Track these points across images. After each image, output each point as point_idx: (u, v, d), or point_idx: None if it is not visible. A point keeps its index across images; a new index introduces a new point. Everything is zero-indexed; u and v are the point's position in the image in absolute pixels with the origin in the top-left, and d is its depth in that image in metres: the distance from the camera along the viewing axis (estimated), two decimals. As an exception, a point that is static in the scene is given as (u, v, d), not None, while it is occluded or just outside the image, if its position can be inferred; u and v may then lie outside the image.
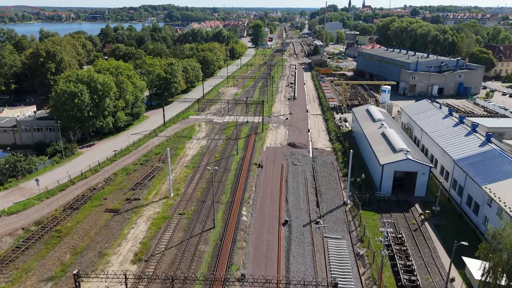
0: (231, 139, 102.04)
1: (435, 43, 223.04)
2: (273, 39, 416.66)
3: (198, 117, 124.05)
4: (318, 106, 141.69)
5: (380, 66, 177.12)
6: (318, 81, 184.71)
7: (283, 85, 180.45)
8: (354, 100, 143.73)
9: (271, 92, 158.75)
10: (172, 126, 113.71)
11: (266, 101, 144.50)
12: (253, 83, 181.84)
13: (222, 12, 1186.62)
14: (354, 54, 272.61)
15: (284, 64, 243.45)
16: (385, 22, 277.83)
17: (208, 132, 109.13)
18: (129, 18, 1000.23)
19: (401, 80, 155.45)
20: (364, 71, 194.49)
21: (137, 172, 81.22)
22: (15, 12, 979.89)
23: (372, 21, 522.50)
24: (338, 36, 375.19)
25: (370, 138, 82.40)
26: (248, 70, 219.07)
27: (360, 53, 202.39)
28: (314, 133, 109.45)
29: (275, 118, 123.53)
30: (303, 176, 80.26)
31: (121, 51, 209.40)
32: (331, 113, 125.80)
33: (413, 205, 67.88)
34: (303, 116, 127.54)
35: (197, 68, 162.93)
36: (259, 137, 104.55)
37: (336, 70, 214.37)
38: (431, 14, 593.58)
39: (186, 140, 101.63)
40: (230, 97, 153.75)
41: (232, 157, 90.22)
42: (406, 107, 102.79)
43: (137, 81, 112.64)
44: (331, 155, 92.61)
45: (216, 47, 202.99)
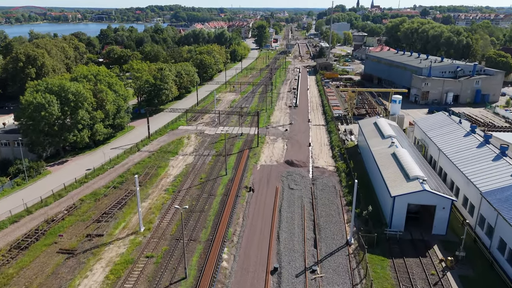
0: (221, 155, 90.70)
1: (448, 45, 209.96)
2: (278, 40, 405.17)
3: (188, 127, 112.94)
4: (321, 115, 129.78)
5: (390, 70, 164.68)
6: (323, 86, 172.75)
7: (285, 90, 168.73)
8: (361, 109, 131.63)
9: (271, 99, 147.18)
10: (158, 138, 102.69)
11: (265, 109, 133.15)
12: (253, 88, 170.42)
13: (228, 12, 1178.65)
14: (362, 57, 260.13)
15: (287, 67, 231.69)
16: (394, 23, 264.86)
17: (197, 146, 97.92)
18: (135, 18, 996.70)
19: (412, 86, 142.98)
20: (372, 75, 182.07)
21: (108, 198, 70.22)
22: (22, 13, 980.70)
23: (380, 21, 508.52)
24: (345, 37, 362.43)
25: (378, 160, 70.51)
26: (249, 74, 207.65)
27: (368, 56, 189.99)
28: (316, 148, 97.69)
29: (273, 130, 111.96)
30: (300, 204, 68.66)
31: (116, 53, 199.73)
32: (335, 124, 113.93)
33: (431, 246, 55.94)
34: (304, 127, 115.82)
35: (192, 72, 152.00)
36: (253, 152, 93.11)
37: (342, 74, 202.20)
38: (442, 14, 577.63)
39: (170, 156, 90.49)
40: (227, 104, 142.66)
41: (220, 178, 78.88)
42: (420, 121, 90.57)
43: (119, 89, 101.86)
44: (333, 176, 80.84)
45: (215, 50, 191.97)
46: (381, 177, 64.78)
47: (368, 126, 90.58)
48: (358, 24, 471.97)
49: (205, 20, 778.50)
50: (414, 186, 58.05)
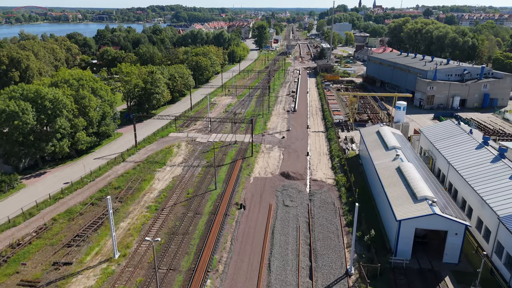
0: (212, 167, 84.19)
1: (453, 46, 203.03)
2: (279, 41, 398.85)
3: (179, 135, 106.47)
4: (321, 120, 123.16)
5: (393, 73, 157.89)
6: (323, 89, 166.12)
7: (284, 93, 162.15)
8: (363, 114, 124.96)
9: (269, 103, 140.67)
10: (145, 147, 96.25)
11: (262, 114, 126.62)
12: (250, 91, 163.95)
13: (230, 12, 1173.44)
14: (364, 58, 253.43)
15: (287, 69, 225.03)
16: (397, 23, 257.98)
17: (187, 155, 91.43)
18: (135, 18, 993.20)
19: (417, 90, 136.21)
20: (374, 78, 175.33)
21: (84, 217, 63.77)
22: (22, 13, 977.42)
23: (383, 21, 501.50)
24: (347, 37, 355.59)
25: (382, 175, 63.88)
26: (247, 76, 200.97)
27: (370, 57, 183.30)
28: (314, 158, 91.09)
29: (269, 137, 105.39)
30: (295, 225, 62.11)
31: (110, 55, 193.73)
32: (336, 131, 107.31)
33: (442, 278, 49.32)
34: (302, 134, 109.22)
35: (186, 75, 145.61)
36: (247, 163, 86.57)
37: (343, 76, 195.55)
38: (445, 14, 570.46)
39: (157, 167, 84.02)
40: (222, 109, 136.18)
41: (208, 193, 72.39)
42: (427, 130, 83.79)
43: (105, 94, 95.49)
44: (332, 190, 74.25)
45: (211, 51, 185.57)
46: (385, 196, 58.15)
47: (371, 135, 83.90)
48: (360, 25, 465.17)
49: (206, 20, 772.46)
50: (422, 208, 51.41)
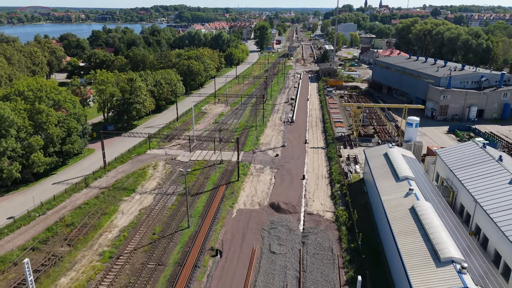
0: (189, 194, 71.33)
1: (466, 49, 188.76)
2: (282, 42, 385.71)
3: (158, 151, 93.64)
4: (321, 134, 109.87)
5: (401, 79, 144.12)
6: (325, 95, 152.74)
7: (282, 101, 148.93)
8: (368, 126, 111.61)
9: (264, 113, 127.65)
10: (117, 168, 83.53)
11: (255, 126, 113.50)
12: (246, 99, 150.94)
13: (234, 12, 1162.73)
14: (370, 61, 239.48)
15: (287, 73, 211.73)
16: (405, 24, 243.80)
17: (162, 179, 78.56)
18: (138, 19, 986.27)
19: (428, 99, 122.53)
20: (381, 83, 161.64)
21: (17, 269, 51.06)
22: (25, 13, 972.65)
23: (389, 22, 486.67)
24: (352, 38, 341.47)
25: (392, 218, 50.62)
26: (244, 81, 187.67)
27: (377, 61, 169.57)
28: (311, 183, 77.88)
29: (261, 155, 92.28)
30: (282, 282, 49.01)
31: (98, 58, 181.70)
32: (337, 148, 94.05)
33: None
34: (299, 150, 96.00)
35: (174, 81, 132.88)
36: (231, 189, 73.57)
37: (347, 81, 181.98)
38: (454, 14, 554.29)
39: (125, 195, 71.28)
40: (212, 119, 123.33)
41: (179, 233, 59.48)
42: (445, 153, 70.14)
43: (70, 107, 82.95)
44: (331, 229, 61.02)
45: (205, 54, 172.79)
46: (397, 250, 44.94)
47: (377, 158, 70.55)
48: (365, 25, 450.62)
49: (209, 20, 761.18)
50: (448, 277, 38.10)
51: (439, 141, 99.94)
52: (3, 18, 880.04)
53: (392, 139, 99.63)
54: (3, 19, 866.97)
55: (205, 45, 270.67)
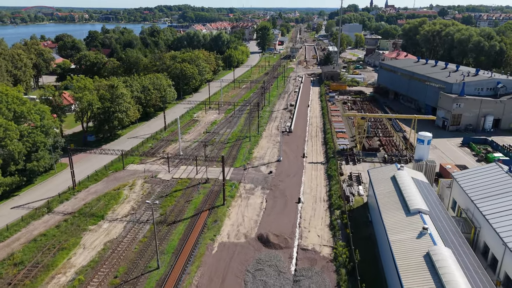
0: (165, 223, 61.82)
1: (477, 51, 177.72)
2: (284, 43, 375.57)
3: (139, 167, 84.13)
4: (321, 146, 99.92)
5: (409, 84, 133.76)
6: (327, 101, 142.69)
7: (280, 107, 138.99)
8: (373, 138, 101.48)
9: (260, 121, 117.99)
10: (88, 188, 74.13)
11: (249, 137, 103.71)
12: (241, 106, 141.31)
13: (238, 12, 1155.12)
14: (375, 63, 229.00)
15: (288, 76, 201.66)
16: (412, 24, 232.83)
17: (138, 202, 69.04)
18: (142, 19, 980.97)
19: (439, 107, 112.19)
20: (387, 88, 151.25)
21: None
22: (28, 13, 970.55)
23: (395, 22, 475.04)
24: (357, 39, 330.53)
25: (404, 271, 40.60)
26: (242, 85, 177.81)
27: (383, 65, 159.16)
28: (308, 208, 68.04)
29: (253, 172, 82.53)
30: None
31: (89, 60, 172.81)
32: (338, 163, 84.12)
33: None
34: (296, 166, 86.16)
35: (164, 86, 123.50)
36: (214, 217, 63.93)
37: (351, 85, 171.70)
38: (462, 14, 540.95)
39: (91, 223, 61.83)
40: (203, 128, 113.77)
41: (146, 275, 49.89)
42: (464, 177, 59.85)
43: (37, 118, 73.74)
44: (328, 271, 51.17)
45: (200, 57, 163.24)
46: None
47: (383, 182, 60.56)
48: (371, 25, 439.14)
49: (213, 20, 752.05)
50: None
51: (453, 155, 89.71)
52: (6, 18, 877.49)
53: (399, 154, 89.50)
54: (6, 19, 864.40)
55: (204, 46, 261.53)
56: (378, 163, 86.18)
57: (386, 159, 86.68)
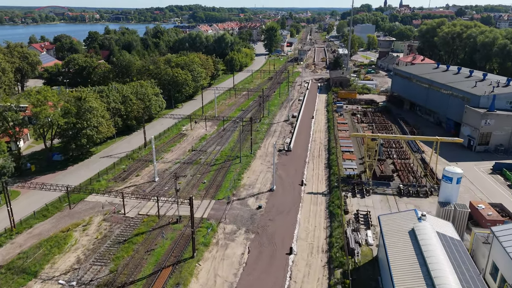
0: (113, 285, 47.63)
1: (504, 56, 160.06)
2: (293, 44, 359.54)
3: (101, 199, 70.15)
4: (324, 169, 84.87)
5: (428, 94, 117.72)
6: (334, 111, 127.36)
7: (281, 119, 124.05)
8: (386, 161, 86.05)
9: (256, 136, 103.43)
10: (33, 227, 60.25)
11: (240, 158, 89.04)
12: (240, 114, 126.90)
13: (249, 12, 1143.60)
14: (388, 67, 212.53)
15: (294, 81, 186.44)
16: (430, 25, 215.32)
17: (87, 250, 54.95)
18: (152, 19, 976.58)
19: (464, 123, 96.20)
20: (402, 97, 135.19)
21: None
22: (40, 13, 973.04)
23: (410, 22, 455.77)
24: (370, 41, 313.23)
25: None
26: (240, 93, 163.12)
27: (397, 71, 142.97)
28: (301, 263, 53.22)
29: (238, 207, 67.93)
30: None
31: (77, 63, 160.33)
32: (343, 197, 69.10)
33: None
34: (292, 199, 71.36)
35: (149, 95, 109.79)
36: (176, 278, 49.47)
37: (362, 92, 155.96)
38: (480, 14, 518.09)
39: (17, 285, 47.94)
40: (189, 145, 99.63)
41: None
42: (507, 233, 44.43)
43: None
44: None
45: (196, 61, 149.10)
46: None
47: (399, 238, 45.40)
48: (385, 26, 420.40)
49: (223, 20, 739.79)
50: None
51: (483, 186, 74.01)
52: (17, 18, 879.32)
53: (417, 183, 74.00)
54: (17, 19, 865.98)
55: (207, 48, 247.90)
56: (391, 195, 70.97)
57: (402, 191, 71.33)
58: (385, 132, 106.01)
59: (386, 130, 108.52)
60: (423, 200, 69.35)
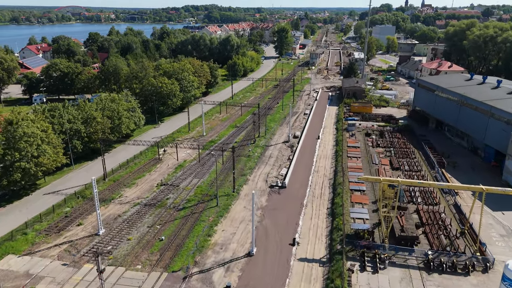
0: None
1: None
2: (307, 46, 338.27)
3: (18, 263, 51.85)
4: (325, 218, 64.75)
5: (460, 112, 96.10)
6: (344, 131, 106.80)
7: (281, 139, 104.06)
8: (408, 208, 65.30)
9: (248, 164, 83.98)
10: None
11: (219, 196, 69.54)
12: (231, 133, 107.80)
13: (265, 12, 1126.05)
14: (410, 73, 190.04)
15: (302, 90, 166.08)
16: (458, 27, 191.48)
17: None
18: (167, 19, 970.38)
19: (510, 155, 74.54)
20: (426, 114, 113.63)
21: None
22: (58, 13, 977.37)
23: (433, 23, 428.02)
24: (389, 43, 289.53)
25: None
26: (232, 108, 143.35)
27: (421, 82, 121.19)
28: None
29: (197, 286, 48.50)
30: None
31: (59, 69, 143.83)
32: (348, 268, 49.04)
33: None
34: (276, 271, 51.52)
35: (119, 112, 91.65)
36: None
37: (379, 105, 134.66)
38: (509, 15, 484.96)
39: None
40: (163, 174, 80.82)
41: None
42: None
43: None
44: None
45: (187, 68, 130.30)
46: None
47: None
48: (406, 27, 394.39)
49: (238, 20, 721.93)
50: None
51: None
52: (34, 18, 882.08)
53: (453, 250, 53.25)
54: (33, 19, 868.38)
55: (211, 51, 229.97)
56: (415, 269, 50.58)
57: (431, 262, 50.81)
58: (406, 160, 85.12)
59: (407, 157, 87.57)
60: (462, 279, 48.74)
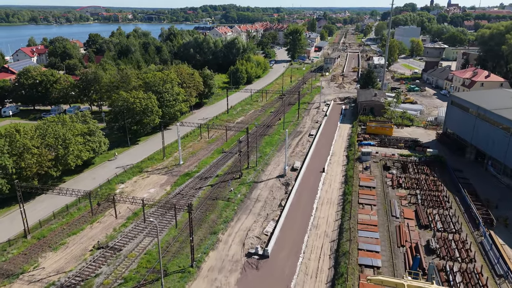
0: None
1: None
2: (323, 49, 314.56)
3: None
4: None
5: (510, 143, 72.78)
6: (356, 161, 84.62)
7: (276, 171, 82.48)
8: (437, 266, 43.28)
9: (225, 211, 63.12)
10: None
11: (179, 270, 48.90)
12: (214, 162, 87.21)
13: (284, 12, 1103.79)
14: (438, 82, 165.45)
15: (311, 101, 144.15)
16: (496, 29, 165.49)
17: None
18: (184, 19, 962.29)
19: None
20: (461, 140, 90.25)
21: None
22: (78, 13, 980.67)
23: (461, 24, 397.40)
24: (413, 46, 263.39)
25: None
26: (232, 120, 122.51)
27: (455, 99, 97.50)
28: None
29: None
30: None
31: (32, 77, 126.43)
32: None
33: None
34: None
35: (67, 137, 72.33)
36: None
37: (400, 124, 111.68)
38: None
39: None
40: (104, 229, 60.76)
41: None
42: None
43: None
44: None
45: (173, 77, 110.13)
46: None
47: None
48: (431, 28, 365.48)
49: (255, 20, 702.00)
50: None
51: None
52: (52, 17, 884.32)
53: None
54: (51, 19, 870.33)
55: (215, 55, 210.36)
56: None
57: None
58: (439, 212, 62.79)
59: (439, 207, 65.08)
60: None
